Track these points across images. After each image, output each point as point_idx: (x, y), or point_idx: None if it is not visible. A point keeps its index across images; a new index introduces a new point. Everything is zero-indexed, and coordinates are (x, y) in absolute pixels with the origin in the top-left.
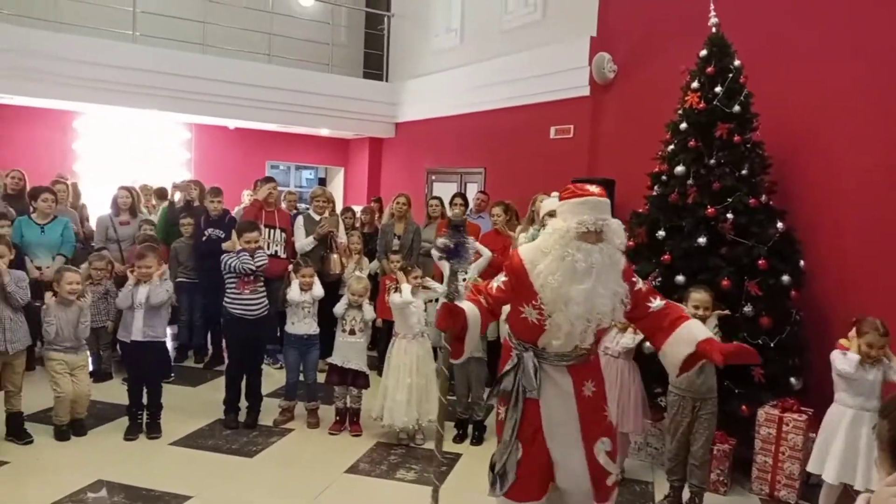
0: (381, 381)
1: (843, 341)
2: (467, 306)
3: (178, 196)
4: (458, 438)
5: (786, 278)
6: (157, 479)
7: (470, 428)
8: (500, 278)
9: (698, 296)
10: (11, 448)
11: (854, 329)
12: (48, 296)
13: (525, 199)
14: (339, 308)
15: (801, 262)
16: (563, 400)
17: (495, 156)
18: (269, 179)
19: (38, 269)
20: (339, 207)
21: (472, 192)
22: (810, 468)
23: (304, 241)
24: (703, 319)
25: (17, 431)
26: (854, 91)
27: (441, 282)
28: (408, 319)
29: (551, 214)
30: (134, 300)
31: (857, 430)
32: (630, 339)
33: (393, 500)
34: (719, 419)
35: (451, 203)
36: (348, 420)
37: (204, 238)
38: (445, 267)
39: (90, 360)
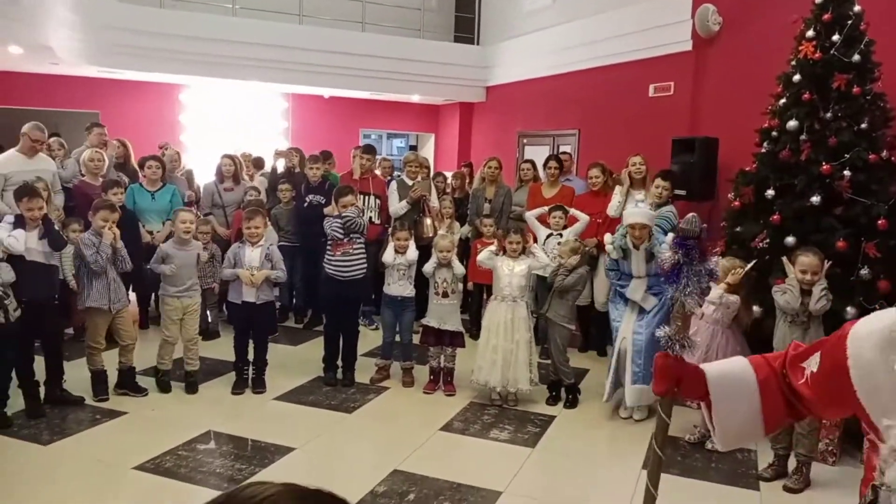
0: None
1: None
2: (722, 368)
3: (280, 163)
4: (552, 400)
5: None
6: (262, 431)
7: (563, 391)
8: (815, 360)
9: (806, 259)
10: (129, 400)
11: None
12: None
13: (622, 160)
14: (428, 267)
15: None
16: None
17: (590, 117)
18: (369, 149)
19: (150, 233)
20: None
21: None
22: None
23: (397, 206)
24: (812, 284)
25: (132, 385)
26: None
27: None
28: (498, 281)
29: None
30: (244, 263)
31: None
32: (718, 293)
33: (487, 458)
34: None
35: (545, 166)
36: (442, 380)
37: (305, 204)
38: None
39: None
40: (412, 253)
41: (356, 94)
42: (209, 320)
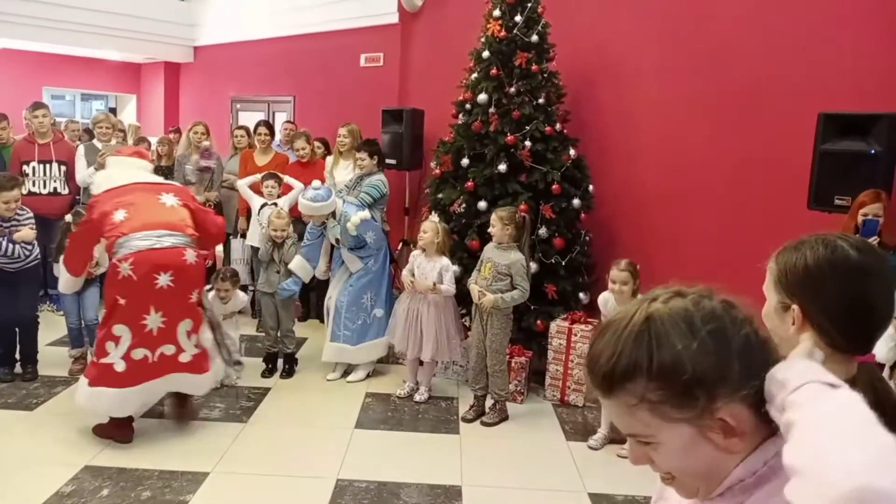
0: None
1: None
2: None
3: None
4: (267, 373)
5: (576, 202)
6: None
7: (279, 362)
8: None
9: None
10: None
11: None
12: None
13: (336, 129)
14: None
15: (591, 187)
16: None
17: (305, 83)
18: (38, 105)
19: None
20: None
21: (280, 121)
22: None
23: (85, 173)
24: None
25: None
26: (646, 25)
27: (247, 217)
28: None
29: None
30: None
31: None
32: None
33: (194, 439)
34: (518, 334)
35: (254, 131)
36: None
37: None
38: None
39: None
40: None
41: (35, 46)
42: None
